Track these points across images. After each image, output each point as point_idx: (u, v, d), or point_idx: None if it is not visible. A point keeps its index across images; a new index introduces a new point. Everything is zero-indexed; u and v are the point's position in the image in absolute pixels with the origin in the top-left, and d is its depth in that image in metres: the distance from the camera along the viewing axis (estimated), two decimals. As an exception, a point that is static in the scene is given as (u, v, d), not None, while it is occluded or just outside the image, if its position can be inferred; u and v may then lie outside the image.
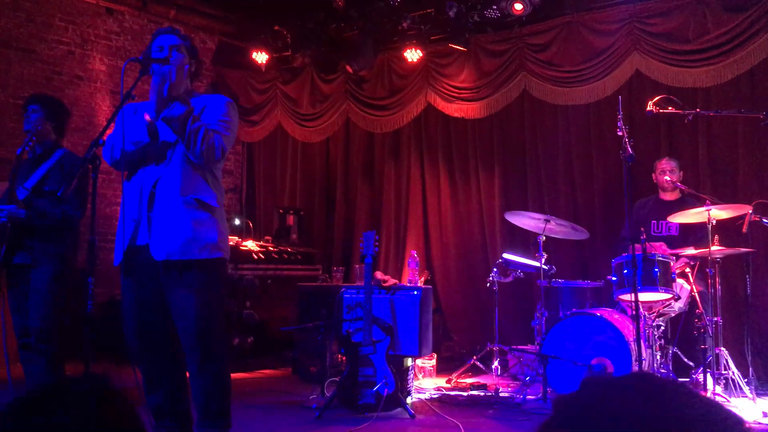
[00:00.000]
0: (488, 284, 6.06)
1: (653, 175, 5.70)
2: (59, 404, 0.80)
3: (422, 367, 5.93)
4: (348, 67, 7.55)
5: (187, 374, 3.23)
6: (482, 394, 5.23)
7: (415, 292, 5.11)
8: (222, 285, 3.29)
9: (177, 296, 3.10)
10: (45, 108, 4.38)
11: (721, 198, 5.46)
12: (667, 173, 5.57)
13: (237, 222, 7.73)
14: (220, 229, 3.22)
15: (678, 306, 5.05)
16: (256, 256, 6.99)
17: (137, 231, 3.15)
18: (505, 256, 5.90)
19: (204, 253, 3.11)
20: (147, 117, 3.13)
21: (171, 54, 3.19)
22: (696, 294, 5.02)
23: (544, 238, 5.55)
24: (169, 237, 3.07)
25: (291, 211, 7.80)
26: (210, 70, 8.48)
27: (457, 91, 7.22)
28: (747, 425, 0.83)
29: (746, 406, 4.53)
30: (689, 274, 5.16)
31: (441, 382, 5.75)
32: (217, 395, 3.14)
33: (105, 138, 3.04)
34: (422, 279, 6.34)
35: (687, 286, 5.09)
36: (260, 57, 7.85)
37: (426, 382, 5.70)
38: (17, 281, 4.25)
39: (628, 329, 4.87)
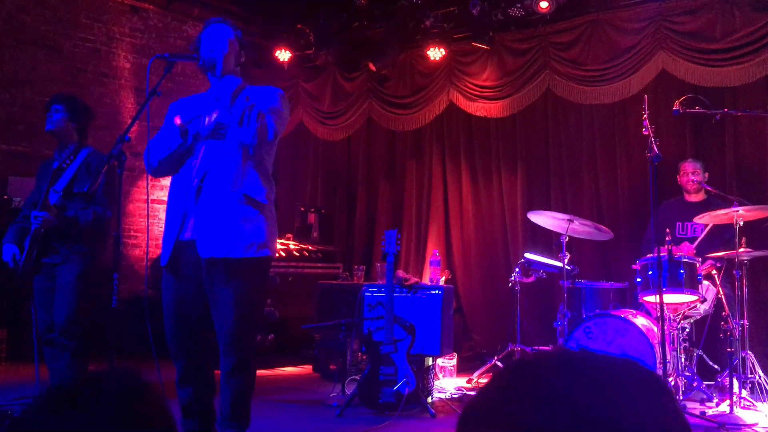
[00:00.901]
0: (510, 284, 6.03)
1: (678, 177, 5.63)
2: (91, 398, 0.79)
3: (443, 367, 5.91)
4: (371, 65, 7.54)
5: (217, 372, 3.23)
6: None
7: (437, 291, 5.09)
8: (265, 285, 3.26)
9: (219, 295, 3.08)
10: (68, 108, 4.39)
11: (748, 199, 5.37)
12: (690, 175, 5.50)
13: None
14: (269, 226, 3.17)
15: (704, 308, 4.98)
16: (277, 254, 6.99)
17: (183, 226, 3.13)
18: (527, 255, 5.85)
19: (250, 251, 3.07)
20: (177, 120, 3.12)
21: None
22: (722, 296, 4.94)
23: (567, 238, 5.50)
24: (215, 234, 3.03)
25: (312, 209, 7.80)
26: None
27: (479, 89, 7.19)
28: (661, 381, 0.81)
29: (773, 411, 4.45)
30: (715, 276, 5.08)
31: (461, 381, 5.72)
32: (245, 397, 3.15)
33: (131, 134, 3.04)
34: (443, 278, 6.31)
35: (713, 288, 5.02)
36: (283, 55, 7.86)
37: (446, 382, 5.67)
38: (44, 278, 4.29)
39: (652, 331, 4.81)
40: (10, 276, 4.35)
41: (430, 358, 4.89)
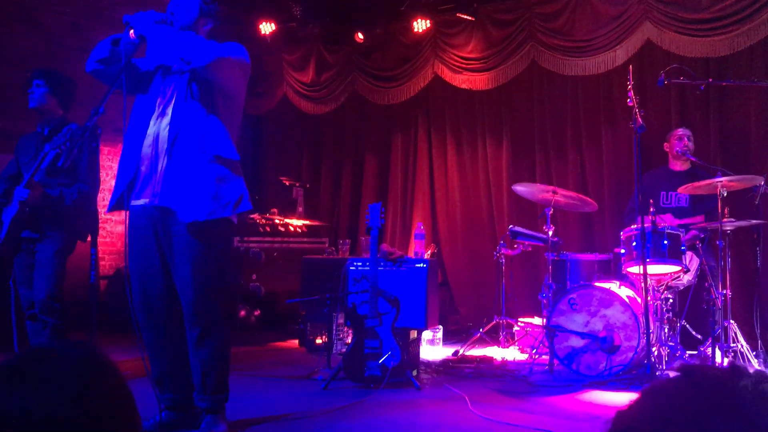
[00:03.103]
0: (495, 257, 6.03)
1: (665, 144, 5.61)
2: (43, 373, 0.76)
3: (429, 340, 5.92)
4: (357, 36, 7.46)
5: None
6: (489, 366, 5.22)
7: (422, 265, 5.08)
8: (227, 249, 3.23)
9: (180, 262, 3.05)
10: (49, 82, 4.31)
11: (732, 169, 5.37)
12: (685, 139, 5.48)
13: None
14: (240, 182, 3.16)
15: (687, 279, 5.01)
16: (262, 229, 6.96)
17: (150, 188, 3.08)
18: (513, 227, 5.84)
19: (227, 210, 3.05)
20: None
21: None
22: (705, 267, 4.96)
23: (552, 210, 5.49)
24: (192, 197, 3.00)
25: (297, 184, 7.75)
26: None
27: (464, 62, 7.12)
28: None
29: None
30: (699, 247, 5.10)
31: (448, 354, 5.74)
32: (215, 368, 3.11)
33: (104, 107, 2.98)
34: (429, 252, 6.30)
35: (696, 259, 5.03)
36: (266, 28, 7.76)
37: (432, 355, 5.69)
38: (24, 254, 4.25)
39: (636, 302, 4.83)
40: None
41: (416, 332, 4.88)
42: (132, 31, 3.04)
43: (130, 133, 3.15)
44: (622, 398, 4.20)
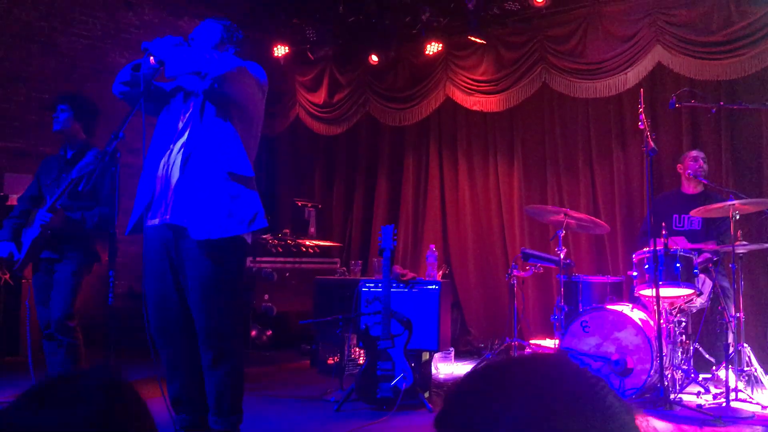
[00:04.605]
0: (507, 278, 6.03)
1: (679, 166, 5.60)
2: (70, 396, 0.79)
3: (441, 357, 5.91)
4: (370, 58, 7.54)
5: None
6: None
7: (435, 287, 5.09)
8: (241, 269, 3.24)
9: (193, 283, 3.07)
10: (74, 107, 4.39)
11: (744, 191, 5.38)
12: (700, 160, 5.48)
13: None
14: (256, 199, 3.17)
15: (700, 301, 4.98)
16: (274, 249, 7.00)
17: (162, 207, 3.11)
18: (525, 249, 5.85)
19: (242, 227, 3.07)
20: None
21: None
22: (718, 289, 4.95)
23: (564, 232, 5.50)
24: (206, 215, 3.01)
25: (309, 205, 7.80)
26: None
27: (476, 84, 7.17)
28: (633, 414, 0.82)
29: (769, 403, 4.46)
30: (711, 270, 5.09)
31: (459, 374, 5.73)
32: (228, 390, 3.12)
33: (123, 132, 3.03)
34: (440, 273, 6.31)
35: (709, 281, 5.02)
36: (279, 50, 7.85)
37: (444, 372, 5.68)
38: (42, 274, 4.30)
39: (648, 325, 4.81)
40: (5, 271, 4.35)
41: (428, 353, 4.89)
42: (152, 57, 3.09)
43: (151, 156, 3.19)
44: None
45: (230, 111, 3.14)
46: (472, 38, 6.94)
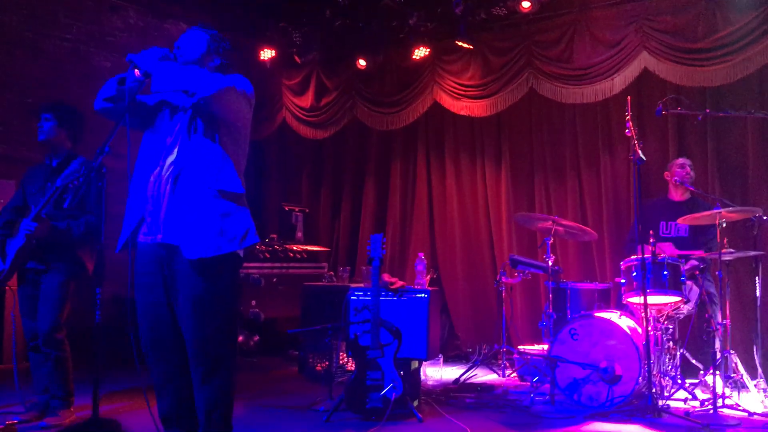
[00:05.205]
0: (496, 285, 6.05)
1: (666, 173, 5.64)
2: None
3: (429, 366, 5.91)
4: (358, 62, 7.53)
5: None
6: (490, 396, 5.21)
7: (424, 295, 5.09)
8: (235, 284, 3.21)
9: (185, 301, 3.05)
10: (58, 115, 4.34)
11: (730, 199, 5.43)
12: (687, 167, 5.52)
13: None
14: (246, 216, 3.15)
15: (687, 308, 5.02)
16: (261, 255, 6.97)
17: (155, 226, 3.08)
18: (513, 256, 5.87)
19: (234, 245, 3.05)
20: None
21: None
22: (705, 296, 4.99)
23: (552, 239, 5.53)
24: (197, 234, 2.99)
25: (296, 209, 7.77)
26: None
27: (463, 88, 7.18)
28: None
29: (756, 409, 4.50)
30: (698, 276, 5.13)
31: (448, 380, 5.75)
32: (219, 407, 3.09)
33: (109, 146, 2.99)
34: (428, 277, 6.31)
35: (696, 288, 5.05)
36: (266, 54, 7.82)
37: (433, 383, 5.68)
38: (29, 286, 4.26)
39: (636, 332, 4.84)
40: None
41: (417, 362, 4.89)
42: (137, 70, 3.05)
43: (139, 172, 3.15)
44: (625, 430, 4.20)
45: (219, 128, 3.12)
46: (460, 43, 6.94)
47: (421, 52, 7.21)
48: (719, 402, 4.49)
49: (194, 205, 3.01)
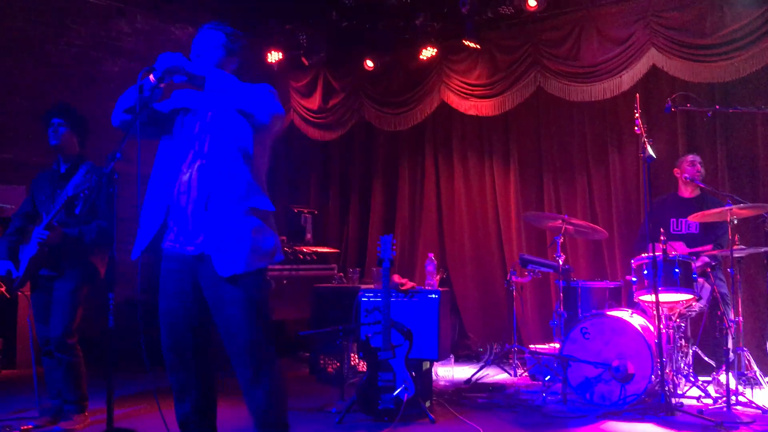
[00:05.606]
0: (506, 284, 6.04)
1: (675, 170, 5.62)
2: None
3: (440, 366, 5.91)
4: (365, 63, 7.53)
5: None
6: (502, 395, 5.21)
7: (434, 296, 5.09)
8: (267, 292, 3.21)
9: (224, 313, 3.05)
10: (70, 121, 4.37)
11: (740, 195, 5.40)
12: (697, 164, 5.50)
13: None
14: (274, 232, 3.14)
15: (699, 306, 5.01)
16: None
17: (184, 237, 3.08)
18: (523, 255, 5.86)
19: (264, 262, 3.05)
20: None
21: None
22: (717, 294, 4.97)
23: (562, 238, 5.51)
24: (230, 251, 2.98)
25: (305, 211, 7.78)
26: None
27: (471, 88, 7.17)
28: None
29: (769, 407, 4.49)
30: (710, 274, 5.11)
31: (459, 380, 5.74)
32: (274, 405, 3.09)
33: (121, 152, 2.98)
34: (438, 278, 6.31)
35: (708, 285, 5.04)
36: (273, 56, 7.83)
37: (444, 383, 5.68)
38: (42, 292, 4.28)
39: (648, 330, 4.83)
40: (1, 284, 4.34)
41: (428, 362, 4.89)
42: (152, 76, 2.99)
43: (157, 179, 3.12)
44: (638, 428, 4.19)
45: (251, 142, 3.07)
46: (467, 42, 6.93)
47: (428, 52, 7.21)
48: (733, 399, 4.47)
49: (228, 220, 3.00)
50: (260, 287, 3.09)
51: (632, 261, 5.04)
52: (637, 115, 4.69)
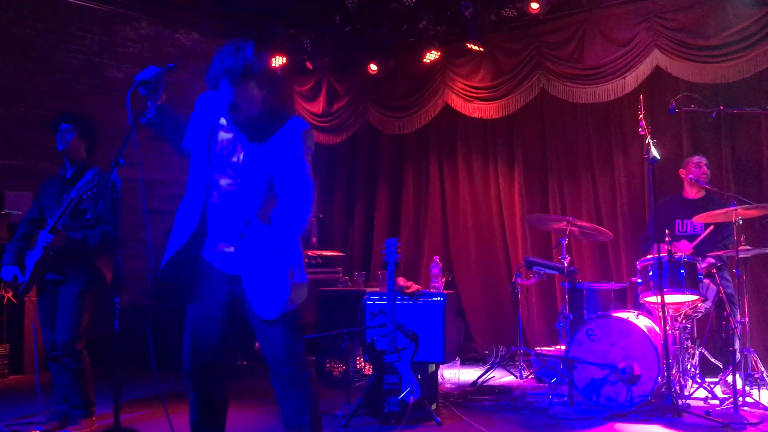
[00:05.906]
0: (511, 286, 6.04)
1: (681, 171, 5.61)
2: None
3: (446, 368, 5.91)
4: (369, 67, 7.55)
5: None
6: (508, 398, 5.20)
7: (440, 299, 5.09)
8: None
9: (269, 332, 3.08)
10: (79, 127, 4.40)
11: (745, 195, 5.39)
12: (703, 166, 5.49)
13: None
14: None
15: (705, 307, 5.00)
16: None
17: (226, 259, 3.06)
18: (528, 257, 5.86)
19: (293, 305, 3.04)
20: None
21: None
22: (723, 295, 4.96)
23: (567, 240, 5.51)
24: (272, 296, 2.95)
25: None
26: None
27: (474, 91, 7.18)
28: None
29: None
30: (716, 274, 5.10)
31: (465, 382, 5.74)
32: (309, 407, 3.10)
33: (123, 158, 2.98)
34: (443, 280, 6.31)
35: (714, 286, 5.03)
36: (277, 61, 7.85)
37: (450, 385, 5.68)
38: (47, 296, 4.30)
39: (654, 332, 4.82)
40: (7, 289, 4.35)
41: (434, 365, 4.89)
42: (149, 102, 3.06)
43: (192, 191, 3.08)
44: (645, 430, 4.18)
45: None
46: (470, 45, 6.95)
47: (431, 56, 7.23)
48: (740, 400, 4.46)
49: (266, 265, 2.96)
50: (298, 313, 3.10)
51: (637, 262, 5.03)
52: (641, 116, 4.69)
